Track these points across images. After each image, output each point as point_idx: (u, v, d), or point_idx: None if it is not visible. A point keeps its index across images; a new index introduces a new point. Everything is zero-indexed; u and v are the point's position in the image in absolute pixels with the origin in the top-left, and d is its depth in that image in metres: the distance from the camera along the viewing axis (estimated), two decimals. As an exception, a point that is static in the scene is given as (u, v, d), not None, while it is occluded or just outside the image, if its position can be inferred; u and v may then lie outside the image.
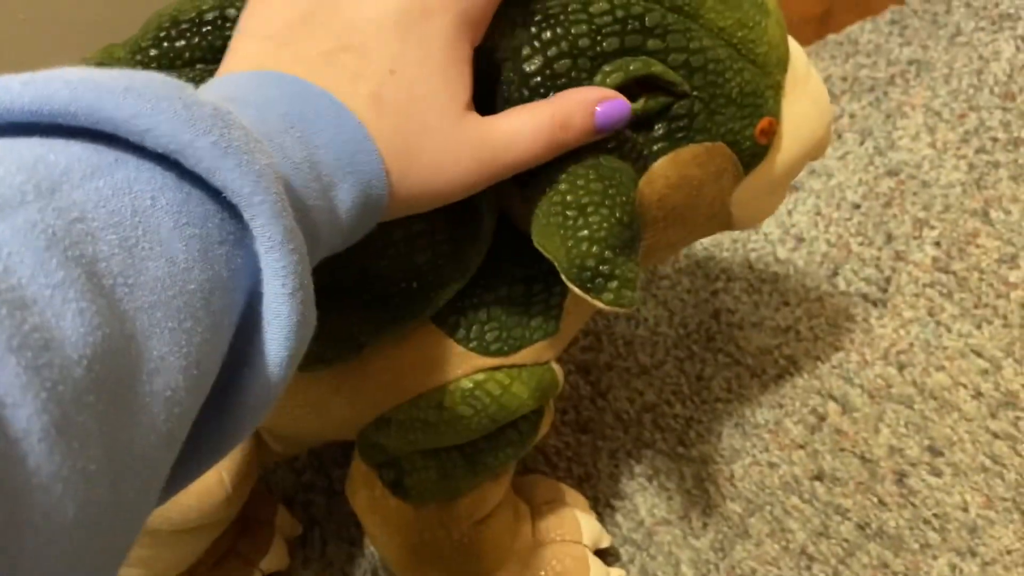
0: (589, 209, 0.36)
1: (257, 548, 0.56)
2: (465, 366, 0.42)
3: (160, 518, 0.44)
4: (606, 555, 0.55)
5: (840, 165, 0.73)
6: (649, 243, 0.41)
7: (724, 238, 0.70)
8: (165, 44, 0.37)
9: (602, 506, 0.58)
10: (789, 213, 0.70)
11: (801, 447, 0.58)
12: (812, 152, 0.44)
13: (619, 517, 0.57)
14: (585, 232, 0.36)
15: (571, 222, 0.36)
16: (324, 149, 0.28)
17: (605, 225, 0.36)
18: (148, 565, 0.50)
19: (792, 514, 0.56)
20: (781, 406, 0.60)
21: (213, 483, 0.44)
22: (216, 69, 0.33)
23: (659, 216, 0.40)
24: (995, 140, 0.72)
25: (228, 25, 0.36)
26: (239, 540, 0.56)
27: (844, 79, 0.79)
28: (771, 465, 0.58)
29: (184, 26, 0.37)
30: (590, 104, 0.35)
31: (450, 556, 0.47)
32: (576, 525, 0.53)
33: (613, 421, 0.61)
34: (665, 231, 0.41)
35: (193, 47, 0.37)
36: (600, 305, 0.37)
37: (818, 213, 0.70)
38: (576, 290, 0.37)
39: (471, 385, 0.42)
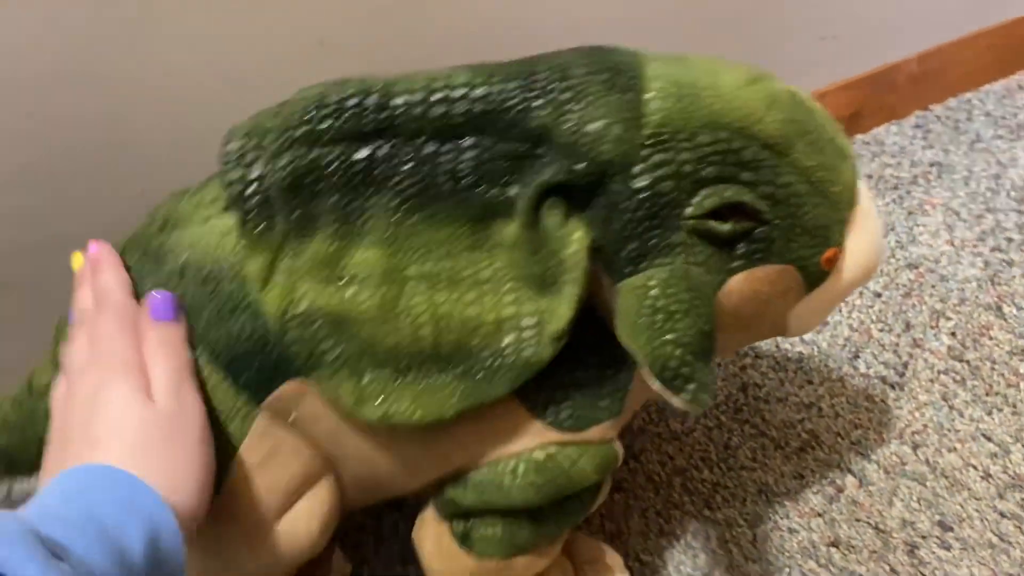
0: (677, 316, 0.42)
1: (313, 581, 0.61)
2: (540, 438, 0.47)
3: (251, 567, 0.48)
4: (634, 606, 0.60)
5: (864, 256, 0.78)
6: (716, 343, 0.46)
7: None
8: (311, 123, 0.42)
9: (632, 560, 0.62)
10: (815, 298, 0.76)
11: (819, 515, 0.63)
12: (865, 279, 0.49)
13: (647, 572, 0.61)
14: (672, 336, 0.42)
15: (659, 325, 0.42)
16: (105, 506, 0.36)
17: (690, 332, 0.42)
18: None
19: (809, 577, 0.60)
20: (802, 476, 0.65)
21: (302, 530, 0.48)
22: (355, 152, 0.41)
23: (729, 323, 0.45)
24: (1010, 240, 0.78)
25: (368, 110, 0.42)
26: (300, 573, 0.61)
27: (870, 177, 0.85)
28: (791, 531, 0.62)
29: (329, 108, 0.42)
30: None
31: None
32: None
33: (644, 482, 0.66)
34: (731, 336, 0.47)
35: (336, 128, 0.42)
36: (677, 404, 0.42)
37: (843, 302, 0.75)
38: (657, 386, 0.42)
39: (543, 457, 0.47)
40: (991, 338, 0.71)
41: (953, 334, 0.72)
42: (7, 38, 0.55)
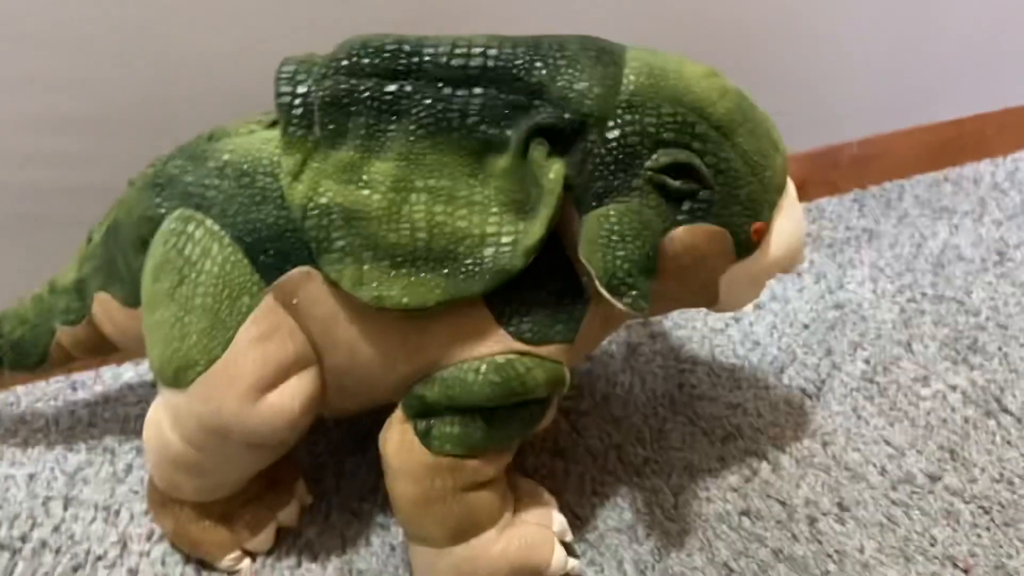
0: (628, 238, 0.52)
1: (278, 502, 0.68)
2: (502, 345, 0.55)
3: (238, 426, 0.56)
4: (565, 549, 0.66)
5: (797, 296, 0.89)
6: (655, 290, 0.55)
7: (695, 333, 0.85)
8: (354, 59, 0.53)
9: (566, 513, 0.69)
10: (751, 324, 0.85)
11: (735, 490, 0.70)
12: (786, 261, 0.59)
13: (578, 522, 0.69)
14: (621, 253, 0.52)
15: (613, 244, 0.52)
16: None
17: (637, 252, 0.52)
18: (210, 475, 0.61)
19: (720, 536, 0.67)
20: (723, 459, 0.73)
21: (287, 404, 0.56)
22: (386, 85, 0.52)
23: (669, 268, 0.55)
24: (924, 295, 0.88)
25: (402, 54, 0.53)
26: (265, 493, 0.67)
27: (810, 235, 0.96)
28: (708, 500, 0.70)
29: (371, 49, 0.53)
30: None
31: (448, 506, 0.58)
32: (549, 515, 0.64)
33: (584, 453, 0.74)
34: (668, 283, 0.56)
35: (373, 65, 0.53)
36: (620, 306, 0.52)
37: (774, 327, 0.85)
38: (606, 294, 0.52)
39: (503, 360, 0.55)
40: (899, 367, 0.81)
41: (867, 361, 0.81)
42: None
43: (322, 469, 0.74)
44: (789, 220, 0.58)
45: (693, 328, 0.85)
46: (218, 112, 0.76)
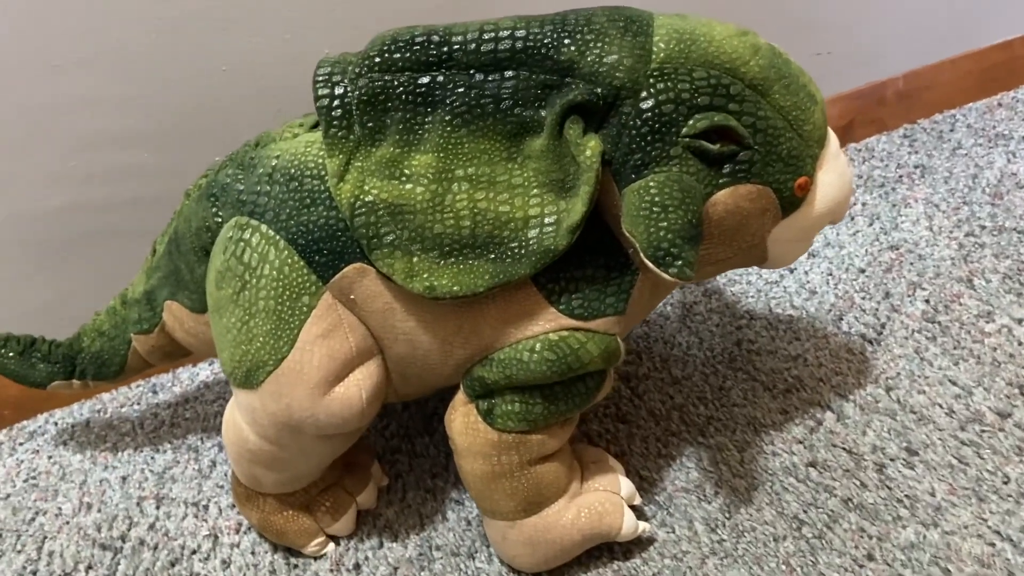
0: (670, 208, 0.53)
1: (356, 485, 0.71)
2: (554, 323, 0.57)
3: (310, 420, 0.58)
4: (635, 513, 0.68)
5: (851, 240, 0.88)
6: (702, 254, 0.56)
7: (750, 288, 0.85)
8: (385, 55, 0.54)
9: (632, 476, 0.71)
10: (806, 273, 0.85)
11: (800, 442, 0.71)
12: (833, 214, 0.59)
13: (646, 484, 0.70)
14: (664, 223, 0.52)
15: (655, 215, 0.52)
16: None
17: (680, 222, 0.53)
18: (288, 468, 0.64)
19: (788, 490, 0.68)
20: (786, 412, 0.73)
21: (354, 396, 0.58)
22: (419, 78, 0.53)
23: (714, 232, 0.56)
24: (983, 227, 0.87)
25: (432, 45, 0.54)
26: (344, 476, 0.70)
27: (860, 177, 0.95)
28: (774, 454, 0.70)
29: (401, 43, 0.54)
30: None
31: (516, 480, 0.61)
32: (616, 481, 0.66)
33: (647, 415, 0.75)
34: (715, 247, 0.57)
35: (405, 59, 0.54)
36: (666, 277, 0.52)
37: (830, 274, 0.85)
38: (650, 265, 0.52)
39: (557, 338, 0.57)
40: (961, 304, 0.80)
41: (927, 301, 0.80)
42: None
43: (395, 451, 0.76)
44: (833, 172, 0.58)
45: (748, 283, 0.85)
46: (262, 116, 0.78)
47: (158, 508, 0.74)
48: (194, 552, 0.71)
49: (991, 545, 0.63)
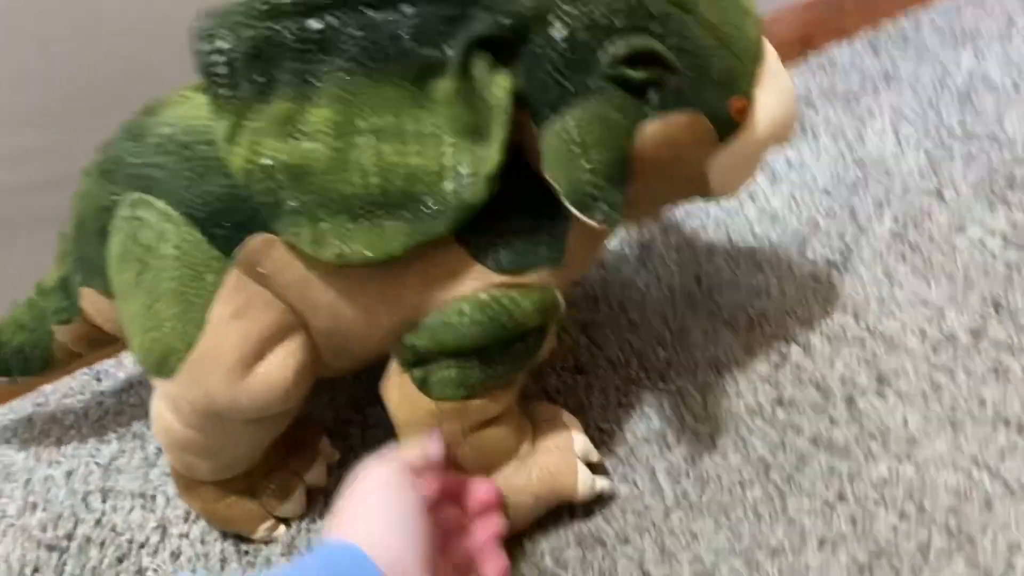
0: (591, 147, 0.48)
1: (303, 464, 0.67)
2: (483, 281, 0.52)
3: (231, 405, 0.54)
4: (593, 469, 0.64)
5: (814, 160, 0.83)
6: (638, 191, 0.51)
7: (708, 220, 0.80)
8: (269, 4, 0.48)
9: (592, 430, 0.67)
10: (767, 198, 0.80)
11: (766, 380, 0.67)
12: (777, 135, 0.54)
13: (605, 437, 0.67)
14: (587, 166, 0.48)
15: (576, 156, 0.48)
16: None
17: (603, 161, 0.48)
18: (220, 455, 0.60)
19: (754, 432, 0.64)
20: (750, 349, 0.69)
21: (277, 376, 0.54)
22: (309, 23, 0.47)
23: (647, 169, 0.50)
24: (952, 133, 0.82)
25: None
26: (289, 457, 0.67)
27: (822, 90, 0.89)
28: (738, 395, 0.67)
29: None
30: None
31: (462, 449, 0.57)
32: (570, 439, 0.62)
33: (605, 364, 0.71)
34: (650, 183, 0.52)
35: (292, 3, 0.48)
36: (590, 222, 0.48)
37: (792, 198, 0.80)
38: (573, 210, 0.48)
39: (487, 297, 0.52)
40: (931, 219, 0.75)
41: (896, 219, 0.76)
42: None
43: (346, 424, 0.73)
44: (773, 89, 0.53)
45: (707, 214, 0.81)
46: (168, 83, 0.72)
47: (104, 502, 0.71)
48: (142, 546, 0.68)
49: (968, 475, 0.60)
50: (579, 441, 0.62)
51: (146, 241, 0.53)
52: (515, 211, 0.52)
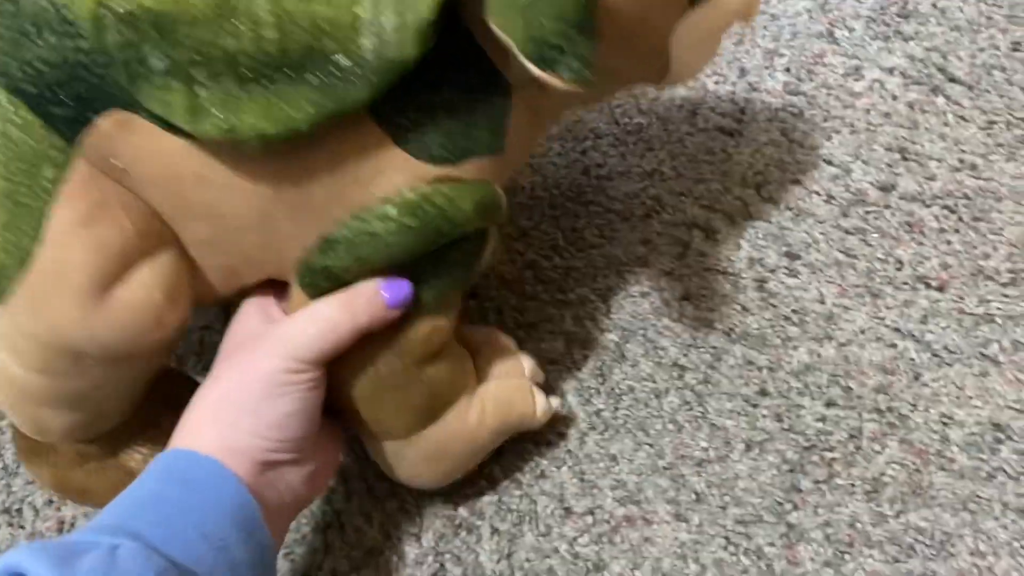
0: None
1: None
2: (408, 174, 0.42)
3: (86, 337, 0.43)
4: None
5: (695, 14, 0.75)
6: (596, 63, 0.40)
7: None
8: None
9: (492, 358, 0.61)
10: (649, 67, 0.73)
11: (669, 274, 0.61)
12: (745, 9, 0.45)
13: (508, 365, 0.61)
14: (547, 8, 0.36)
15: None
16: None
17: (566, 2, 0.37)
18: (78, 405, 0.49)
19: (664, 334, 0.59)
20: (649, 241, 0.63)
21: (142, 299, 0.43)
22: None
23: (612, 31, 0.40)
24: (838, -35, 0.74)
25: None
26: (162, 415, 0.56)
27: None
28: (643, 295, 0.61)
29: None
30: (375, 291, 0.44)
31: (404, 391, 0.49)
32: (516, 361, 0.54)
33: (495, 284, 0.65)
34: (612, 50, 0.41)
35: None
36: (557, 84, 0.37)
37: (676, 62, 0.73)
38: (534, 69, 0.37)
39: (415, 196, 0.42)
40: (825, 65, 0.69)
41: (787, 69, 0.69)
42: None
43: (222, 393, 0.65)
44: None
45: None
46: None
47: (-32, 525, 0.63)
48: (17, 567, 0.61)
49: (892, 346, 0.55)
50: (526, 362, 0.55)
51: None
52: (445, 82, 0.41)
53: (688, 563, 0.51)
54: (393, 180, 0.42)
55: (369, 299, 0.44)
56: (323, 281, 0.45)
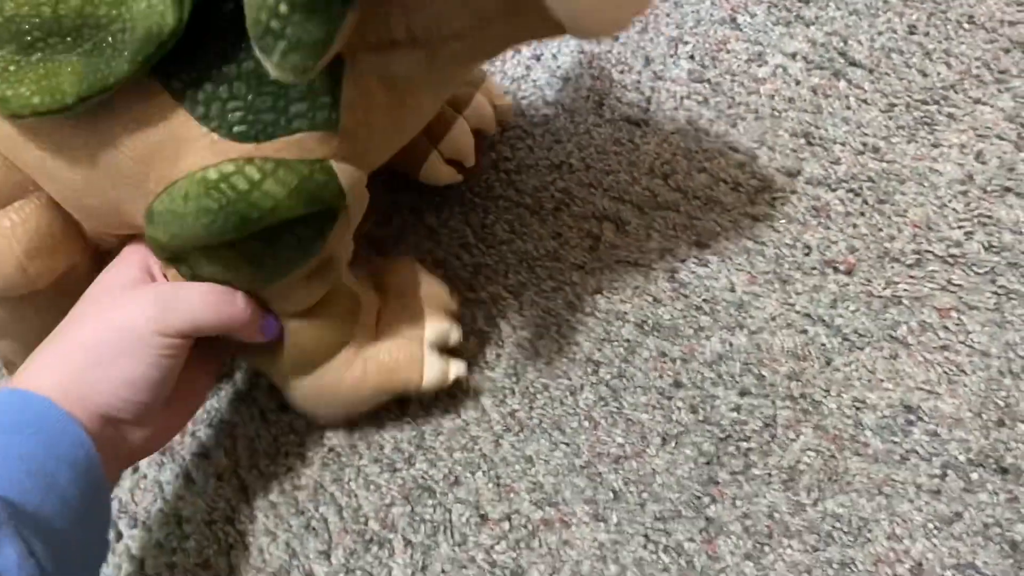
0: None
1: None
2: (211, 153, 0.39)
3: None
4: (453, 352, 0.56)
5: (598, 3, 0.74)
6: (421, 23, 0.36)
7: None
8: None
9: (402, 362, 0.59)
10: (554, 57, 0.71)
11: (580, 268, 0.60)
12: None
13: (418, 369, 0.58)
14: None
15: None
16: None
17: None
18: (5, 334, 0.50)
19: (577, 329, 0.58)
20: (559, 235, 0.62)
21: (2, 248, 0.43)
22: None
23: None
24: (738, -49, 0.74)
25: None
26: None
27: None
28: (555, 290, 0.60)
29: None
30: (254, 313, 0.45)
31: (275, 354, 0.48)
32: (420, 325, 0.52)
33: (405, 283, 0.62)
34: (438, 5, 0.36)
35: None
36: (271, 71, 0.33)
37: (582, 52, 0.71)
38: (256, 51, 0.33)
39: (216, 176, 0.39)
40: (728, 51, 0.68)
41: (692, 56, 0.69)
42: None
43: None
44: None
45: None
46: None
47: None
48: None
49: (803, 332, 0.55)
50: (433, 326, 0.52)
51: None
52: (246, 54, 0.37)
53: (608, 564, 0.50)
54: (196, 158, 0.39)
55: (243, 316, 0.45)
56: (160, 252, 0.43)
